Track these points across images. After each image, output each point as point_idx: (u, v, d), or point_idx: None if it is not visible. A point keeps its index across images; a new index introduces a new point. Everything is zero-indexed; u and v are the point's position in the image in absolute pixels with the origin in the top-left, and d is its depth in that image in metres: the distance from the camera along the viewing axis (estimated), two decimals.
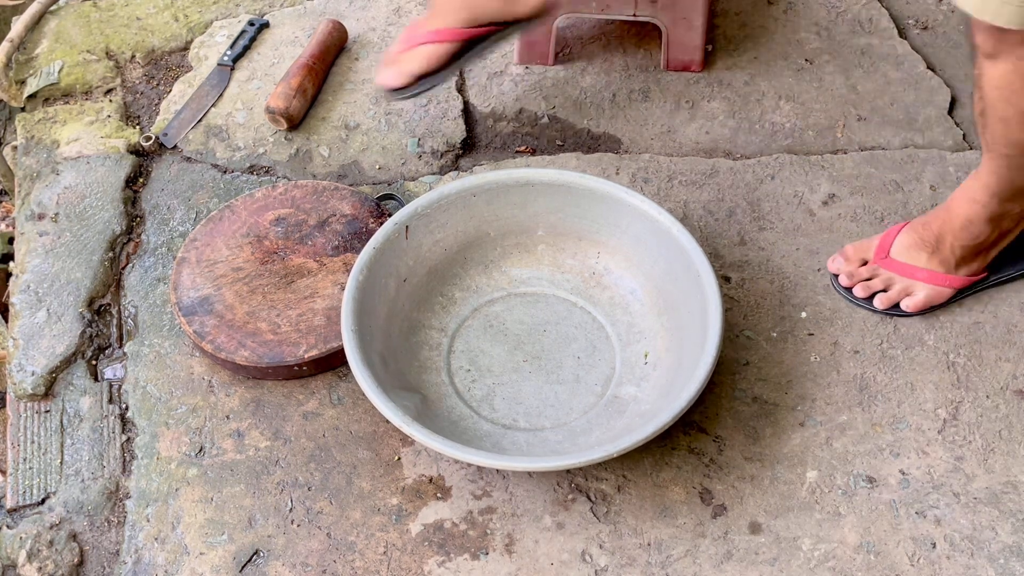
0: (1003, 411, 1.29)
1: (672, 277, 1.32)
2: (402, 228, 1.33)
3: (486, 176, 1.38)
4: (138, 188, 1.56)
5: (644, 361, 1.31)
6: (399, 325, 1.32)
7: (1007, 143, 1.19)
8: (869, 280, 1.37)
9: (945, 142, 1.60)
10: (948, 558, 1.17)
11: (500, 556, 1.18)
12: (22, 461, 1.28)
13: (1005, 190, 1.26)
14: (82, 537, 1.22)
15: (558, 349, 1.34)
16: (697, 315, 1.25)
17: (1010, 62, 1.10)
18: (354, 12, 1.80)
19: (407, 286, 1.35)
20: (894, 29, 1.76)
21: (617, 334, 1.35)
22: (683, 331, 1.29)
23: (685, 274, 1.29)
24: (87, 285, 1.43)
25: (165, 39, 1.78)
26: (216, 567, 1.18)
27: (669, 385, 1.24)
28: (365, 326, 1.24)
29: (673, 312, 1.31)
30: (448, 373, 1.32)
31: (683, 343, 1.27)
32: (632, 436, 1.14)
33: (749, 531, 1.20)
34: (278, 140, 1.61)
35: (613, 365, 1.32)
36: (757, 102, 1.66)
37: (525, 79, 1.69)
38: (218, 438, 1.28)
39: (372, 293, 1.28)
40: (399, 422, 1.15)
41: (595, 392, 1.30)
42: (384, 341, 1.28)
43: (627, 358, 1.32)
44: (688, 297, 1.28)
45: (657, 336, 1.32)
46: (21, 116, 1.66)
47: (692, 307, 1.27)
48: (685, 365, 1.23)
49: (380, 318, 1.29)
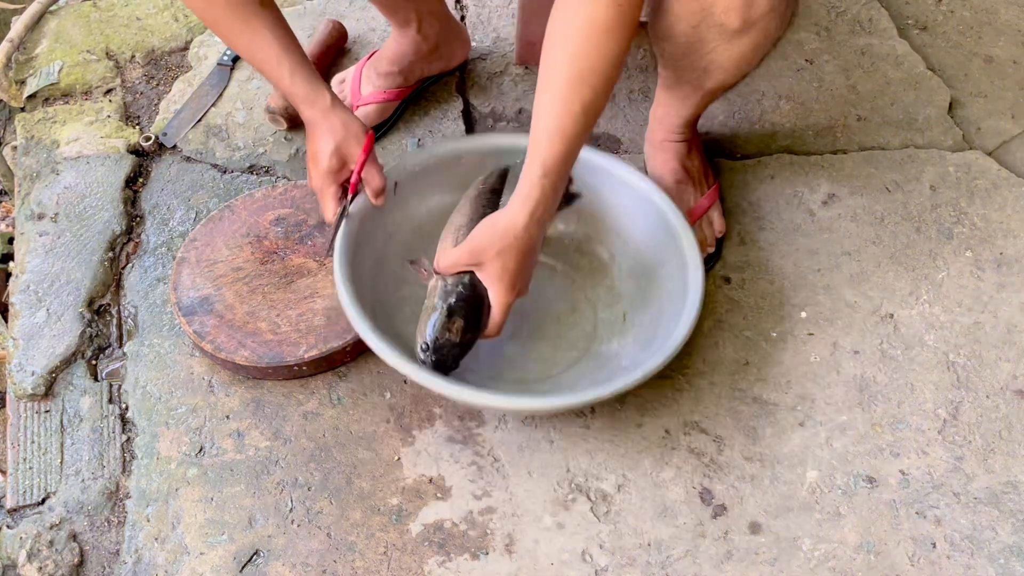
0: (1003, 411, 1.29)
1: (651, 240, 1.35)
2: (391, 184, 1.35)
3: (474, 140, 1.43)
4: (138, 188, 1.56)
5: (623, 321, 1.34)
6: (385, 279, 1.34)
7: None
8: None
9: (945, 142, 1.60)
10: (948, 558, 1.17)
11: (500, 556, 1.18)
12: (22, 461, 1.28)
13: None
14: (82, 537, 1.22)
15: (539, 310, 1.36)
16: (676, 275, 1.28)
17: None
18: (354, 12, 1.79)
19: (393, 241, 1.36)
20: (894, 29, 1.77)
21: (597, 296, 1.38)
22: (662, 290, 1.32)
23: (664, 235, 1.32)
24: (87, 285, 1.42)
25: (165, 39, 1.78)
26: (216, 567, 1.18)
27: (650, 340, 1.26)
28: (356, 274, 1.26)
29: (652, 274, 1.35)
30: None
31: (662, 301, 1.31)
32: (624, 379, 1.17)
33: (749, 531, 1.20)
34: (278, 140, 1.61)
35: (594, 324, 1.35)
36: (757, 102, 1.66)
37: (525, 79, 1.69)
38: (218, 438, 1.28)
39: (362, 243, 1.30)
40: (394, 361, 1.16)
41: (578, 348, 1.33)
42: (372, 292, 1.29)
43: (606, 318, 1.36)
44: (666, 257, 1.32)
45: (636, 297, 1.36)
46: (21, 116, 1.66)
47: (671, 268, 1.30)
48: (665, 321, 1.26)
49: (367, 269, 1.30)
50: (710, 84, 1.29)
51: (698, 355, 1.35)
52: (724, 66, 1.23)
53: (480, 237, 1.17)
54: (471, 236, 1.19)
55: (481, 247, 1.16)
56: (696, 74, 1.27)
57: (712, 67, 1.24)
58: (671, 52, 1.26)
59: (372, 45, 1.73)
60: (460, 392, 1.16)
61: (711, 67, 1.24)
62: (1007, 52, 1.76)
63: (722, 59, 1.22)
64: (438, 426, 1.29)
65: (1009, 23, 1.81)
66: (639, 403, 1.30)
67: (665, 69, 1.33)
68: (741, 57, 1.22)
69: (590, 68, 1.09)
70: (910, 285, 1.42)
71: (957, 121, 1.63)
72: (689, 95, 1.34)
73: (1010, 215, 1.50)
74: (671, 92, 1.35)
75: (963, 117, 1.63)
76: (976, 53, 1.75)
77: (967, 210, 1.51)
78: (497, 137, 1.43)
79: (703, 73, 1.26)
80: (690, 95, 1.34)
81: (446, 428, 1.29)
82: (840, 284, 1.42)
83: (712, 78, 1.27)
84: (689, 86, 1.31)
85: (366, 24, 1.78)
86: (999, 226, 1.49)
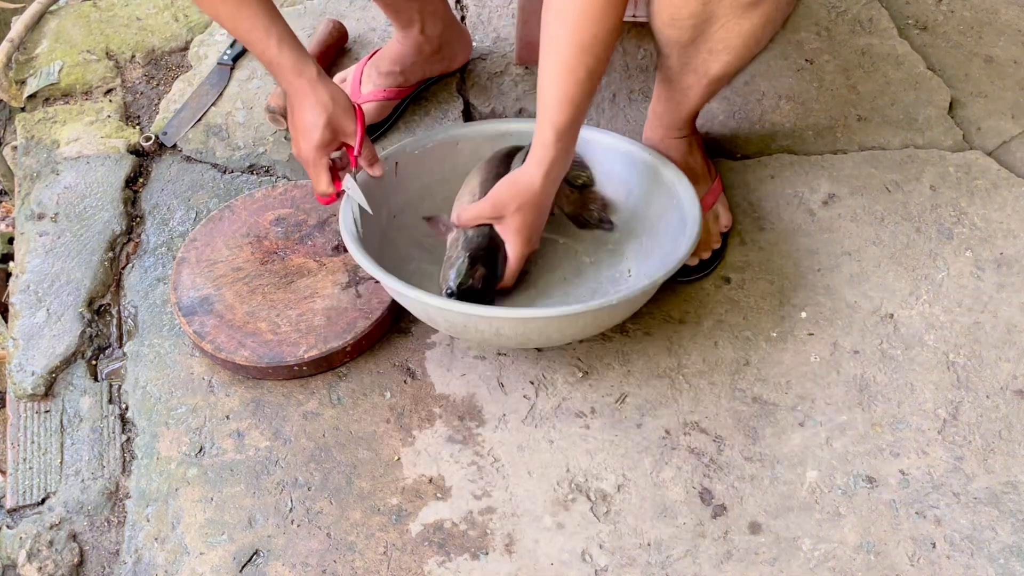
0: (1003, 411, 1.29)
1: (648, 200, 1.38)
2: (392, 163, 1.38)
3: (471, 127, 1.46)
4: (138, 188, 1.56)
5: (628, 276, 1.38)
6: (392, 255, 1.35)
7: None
8: None
9: (945, 142, 1.60)
10: (948, 558, 1.17)
11: (500, 556, 1.18)
12: (22, 461, 1.28)
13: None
14: (82, 537, 1.22)
15: (544, 276, 1.39)
16: (675, 223, 1.32)
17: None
18: (354, 12, 1.79)
19: (397, 222, 1.38)
20: (894, 29, 1.77)
21: (600, 259, 1.41)
22: (662, 242, 1.34)
23: (660, 192, 1.36)
24: (87, 285, 1.42)
25: (165, 39, 1.78)
26: (216, 567, 1.18)
27: (655, 270, 1.29)
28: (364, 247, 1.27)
29: (652, 232, 1.38)
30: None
31: (664, 249, 1.33)
32: (629, 289, 1.20)
33: (749, 531, 1.20)
34: (278, 140, 1.61)
35: (599, 281, 1.38)
36: (757, 102, 1.66)
37: (525, 79, 1.69)
38: (218, 438, 1.28)
39: (367, 220, 1.32)
40: (415, 294, 1.19)
41: (582, 298, 1.36)
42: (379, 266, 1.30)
43: (611, 275, 1.39)
44: (665, 212, 1.35)
45: (638, 255, 1.39)
46: (21, 116, 1.66)
47: (671, 219, 1.33)
48: (667, 263, 1.27)
49: (374, 246, 1.31)
50: (716, 69, 1.27)
51: (698, 355, 1.35)
52: (732, 44, 1.22)
53: (502, 193, 1.26)
54: (493, 192, 1.27)
55: (503, 201, 1.26)
56: (701, 58, 1.26)
57: (719, 47, 1.23)
58: (676, 38, 1.24)
59: (372, 45, 1.74)
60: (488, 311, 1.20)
61: (718, 47, 1.23)
62: (1007, 52, 1.76)
63: (730, 36, 1.21)
64: (438, 426, 1.29)
65: (1009, 23, 1.81)
66: (639, 403, 1.30)
67: (668, 59, 1.31)
68: (751, 34, 1.21)
69: (592, 36, 1.15)
70: (910, 285, 1.42)
71: (957, 121, 1.62)
72: (692, 85, 1.32)
73: (1010, 215, 1.50)
74: (672, 85, 1.35)
75: (963, 117, 1.63)
76: (976, 53, 1.75)
77: (967, 210, 1.51)
78: (490, 124, 1.46)
79: (709, 56, 1.25)
80: (693, 85, 1.32)
81: (446, 428, 1.29)
82: (840, 284, 1.42)
83: (718, 61, 1.25)
84: (693, 74, 1.30)
85: (366, 24, 1.78)
86: (999, 226, 1.49)
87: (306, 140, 1.29)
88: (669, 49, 1.28)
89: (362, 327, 1.33)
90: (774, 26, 1.22)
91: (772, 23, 1.21)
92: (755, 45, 1.24)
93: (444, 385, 1.33)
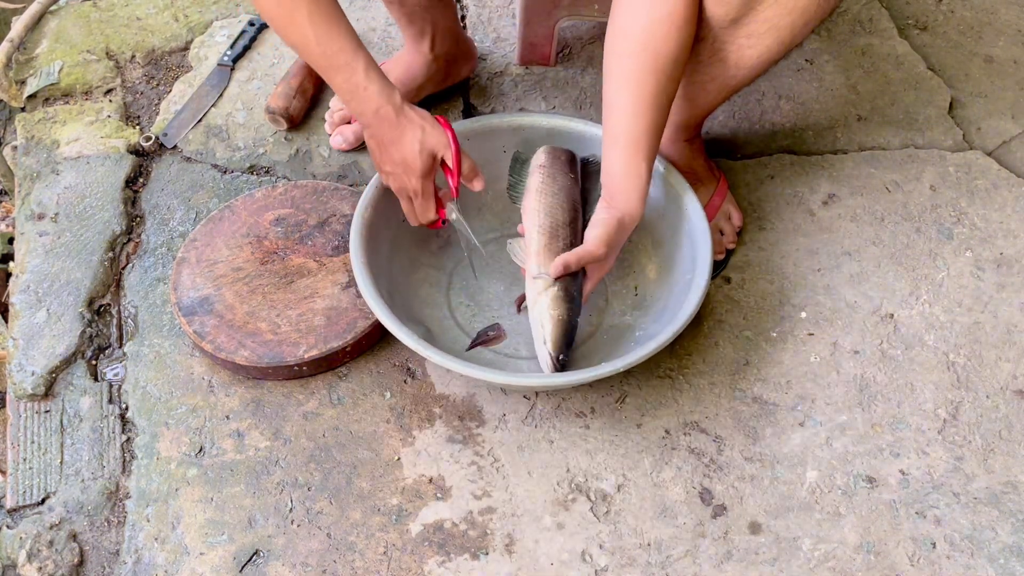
0: (1003, 411, 1.29)
1: (659, 213, 1.37)
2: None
3: (479, 121, 1.44)
4: (138, 188, 1.56)
5: (634, 293, 1.37)
6: (400, 262, 1.36)
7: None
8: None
9: (945, 142, 1.60)
10: (948, 558, 1.17)
11: (500, 556, 1.18)
12: (22, 461, 1.28)
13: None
14: (82, 537, 1.22)
15: None
16: (685, 246, 1.32)
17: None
18: (354, 12, 1.79)
19: (405, 225, 1.37)
20: (894, 29, 1.77)
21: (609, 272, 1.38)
22: (672, 261, 1.35)
23: (672, 208, 1.35)
24: (87, 285, 1.42)
25: (165, 39, 1.78)
26: (216, 567, 1.18)
27: (662, 311, 1.30)
28: (373, 262, 1.27)
29: (661, 246, 1.38)
30: (449, 308, 1.37)
31: (672, 272, 1.33)
32: (637, 353, 1.18)
33: (749, 531, 1.20)
34: (278, 140, 1.61)
35: (605, 297, 1.38)
36: (757, 102, 1.66)
37: (525, 79, 1.69)
38: (218, 438, 1.28)
39: (376, 230, 1.32)
40: (414, 345, 1.18)
41: (591, 322, 1.35)
42: (388, 277, 1.32)
43: (617, 291, 1.38)
44: (675, 230, 1.34)
45: (646, 269, 1.39)
46: (21, 116, 1.66)
47: (679, 239, 1.33)
48: (676, 292, 1.28)
49: (383, 255, 1.32)
50: (748, 57, 1.24)
51: (698, 355, 1.35)
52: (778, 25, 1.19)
53: (613, 236, 1.22)
54: (604, 236, 1.21)
55: (616, 243, 1.23)
56: (738, 44, 1.23)
57: (763, 29, 1.20)
58: (723, 15, 1.20)
59: (372, 45, 1.73)
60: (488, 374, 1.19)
61: (761, 29, 1.20)
62: (1007, 52, 1.76)
63: (780, 15, 1.18)
64: (438, 426, 1.29)
65: (1009, 23, 1.81)
66: (639, 403, 1.30)
67: (700, 44, 1.26)
68: (803, 10, 1.17)
69: (671, 60, 1.17)
70: (910, 285, 1.42)
71: (957, 121, 1.63)
72: (716, 77, 1.30)
73: (1010, 215, 1.50)
74: (694, 78, 1.31)
75: (963, 117, 1.63)
76: (976, 53, 1.75)
77: (967, 210, 1.51)
78: (498, 118, 1.45)
79: (747, 40, 1.22)
80: (717, 77, 1.30)
81: (446, 428, 1.29)
82: (840, 284, 1.42)
83: (756, 47, 1.22)
84: (720, 65, 1.27)
85: (366, 24, 1.78)
86: (999, 226, 1.49)
87: (409, 172, 1.26)
88: (706, 31, 1.23)
89: (362, 327, 1.33)
90: (821, 11, 1.18)
91: (821, 7, 1.17)
92: (804, 26, 1.19)
93: (444, 385, 1.33)
